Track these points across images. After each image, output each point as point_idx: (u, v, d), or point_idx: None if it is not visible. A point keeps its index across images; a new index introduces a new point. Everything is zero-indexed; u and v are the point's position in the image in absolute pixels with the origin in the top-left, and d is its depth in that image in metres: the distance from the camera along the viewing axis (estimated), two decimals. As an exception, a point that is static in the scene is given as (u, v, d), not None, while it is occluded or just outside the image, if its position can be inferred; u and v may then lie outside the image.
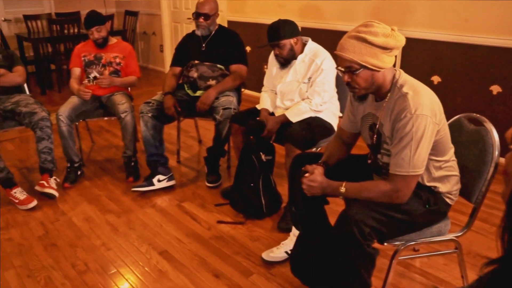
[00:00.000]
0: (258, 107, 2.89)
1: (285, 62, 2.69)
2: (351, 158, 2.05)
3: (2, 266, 2.32)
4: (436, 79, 3.61)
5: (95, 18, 3.27)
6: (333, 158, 1.97)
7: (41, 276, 2.24)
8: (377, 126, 1.73)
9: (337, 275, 1.72)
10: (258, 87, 3.72)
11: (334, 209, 2.02)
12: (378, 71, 1.62)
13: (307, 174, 1.83)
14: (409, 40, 3.76)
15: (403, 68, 1.71)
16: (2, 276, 2.23)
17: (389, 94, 1.67)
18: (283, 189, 2.79)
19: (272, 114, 2.82)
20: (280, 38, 2.59)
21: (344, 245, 1.64)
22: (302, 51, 2.69)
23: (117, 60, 3.37)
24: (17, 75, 3.28)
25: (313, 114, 2.66)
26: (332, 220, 1.74)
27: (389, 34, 1.57)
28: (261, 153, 2.71)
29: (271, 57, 2.84)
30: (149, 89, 5.72)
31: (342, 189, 1.70)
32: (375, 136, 1.75)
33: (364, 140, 1.90)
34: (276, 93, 2.83)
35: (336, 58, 1.75)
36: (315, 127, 2.62)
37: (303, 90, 2.68)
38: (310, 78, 2.65)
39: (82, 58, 3.36)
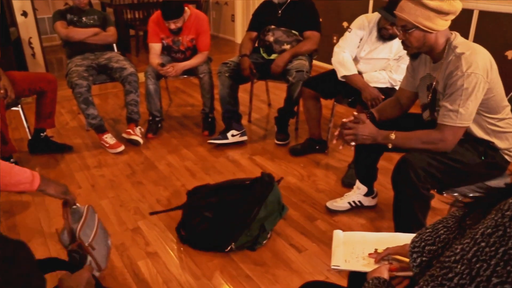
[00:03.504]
0: (344, 72, 2.81)
1: (388, 38, 2.74)
2: (401, 116, 2.20)
3: (99, 196, 2.68)
4: (510, 54, 3.57)
5: (172, 13, 3.21)
6: (383, 112, 2.16)
7: (130, 207, 2.57)
8: (434, 85, 1.87)
9: (396, 214, 1.90)
10: (327, 57, 3.85)
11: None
12: (431, 32, 1.76)
13: (345, 120, 1.97)
14: (483, 13, 3.75)
15: (476, 41, 1.82)
16: (99, 204, 2.59)
17: (444, 55, 1.81)
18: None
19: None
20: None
21: (401, 186, 1.82)
22: None
23: (194, 42, 3.46)
24: (109, 35, 3.65)
25: (389, 85, 2.78)
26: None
27: None
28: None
29: (366, 21, 2.81)
30: (219, 56, 5.98)
31: (392, 136, 1.86)
32: (430, 94, 1.91)
33: (420, 99, 2.04)
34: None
35: None
36: (388, 96, 2.73)
37: (390, 66, 2.80)
38: (400, 56, 2.75)
39: (161, 40, 3.45)
